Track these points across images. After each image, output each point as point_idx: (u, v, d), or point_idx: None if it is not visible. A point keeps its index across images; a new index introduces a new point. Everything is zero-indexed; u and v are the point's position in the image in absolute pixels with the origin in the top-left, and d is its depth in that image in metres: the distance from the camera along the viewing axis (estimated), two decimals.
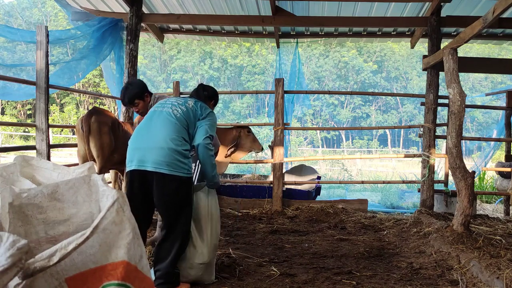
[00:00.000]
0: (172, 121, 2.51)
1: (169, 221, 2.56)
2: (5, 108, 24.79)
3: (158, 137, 2.46)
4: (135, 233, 1.31)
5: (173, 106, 2.60)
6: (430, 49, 5.58)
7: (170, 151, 2.43)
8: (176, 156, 2.43)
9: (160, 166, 2.42)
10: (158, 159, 2.42)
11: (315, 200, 5.86)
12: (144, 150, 2.48)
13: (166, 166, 2.42)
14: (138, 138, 2.56)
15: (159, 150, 2.43)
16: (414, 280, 2.98)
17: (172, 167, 2.43)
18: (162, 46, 26.74)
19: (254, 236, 4.28)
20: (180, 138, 2.48)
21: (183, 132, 2.52)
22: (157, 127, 2.51)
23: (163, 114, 2.56)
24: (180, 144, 2.47)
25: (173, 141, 2.44)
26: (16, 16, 27.77)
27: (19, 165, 1.79)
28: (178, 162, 2.44)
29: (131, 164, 2.52)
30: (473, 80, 30.31)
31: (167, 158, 2.42)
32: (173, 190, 2.47)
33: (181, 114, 2.56)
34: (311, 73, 29.75)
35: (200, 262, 2.78)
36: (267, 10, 5.97)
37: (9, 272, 0.95)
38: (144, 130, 2.57)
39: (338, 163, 13.75)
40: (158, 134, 2.48)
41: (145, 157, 2.46)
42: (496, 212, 6.41)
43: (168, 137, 2.45)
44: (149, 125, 2.56)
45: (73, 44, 7.06)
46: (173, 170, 2.43)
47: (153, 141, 2.46)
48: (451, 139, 3.94)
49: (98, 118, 4.01)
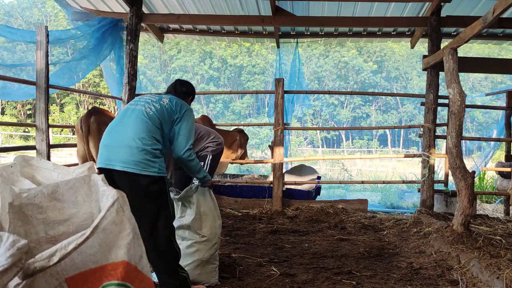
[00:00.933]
0: (144, 119, 2.41)
1: (147, 228, 2.36)
2: (5, 108, 24.79)
3: (127, 136, 2.36)
4: (135, 233, 1.31)
5: (147, 104, 2.50)
6: (430, 49, 5.58)
7: (138, 150, 2.32)
8: (145, 156, 2.32)
9: (127, 165, 2.31)
10: (125, 157, 2.31)
11: (315, 200, 5.86)
12: (112, 148, 2.38)
13: (134, 165, 2.30)
14: (108, 136, 2.46)
15: (127, 148, 2.33)
16: (414, 280, 2.98)
17: (140, 166, 2.31)
18: (162, 46, 26.74)
19: (254, 236, 4.28)
20: (150, 137, 2.37)
21: (155, 132, 2.41)
22: (128, 125, 2.41)
23: (135, 112, 2.46)
24: (150, 144, 2.36)
25: (142, 140, 2.34)
26: (16, 16, 27.77)
27: (19, 165, 1.78)
28: (147, 161, 2.32)
29: (99, 162, 2.42)
30: (473, 80, 30.31)
31: (134, 157, 2.31)
32: (143, 190, 2.33)
33: (154, 113, 2.45)
34: (311, 73, 29.75)
35: (197, 258, 2.79)
36: (267, 10, 5.97)
37: (9, 272, 0.95)
38: (115, 127, 2.48)
39: (338, 163, 13.76)
40: (127, 132, 2.38)
41: (113, 155, 2.35)
42: (496, 212, 6.41)
43: (137, 136, 2.35)
44: (120, 123, 2.48)
45: (73, 44, 7.05)
46: (142, 170, 2.31)
47: (122, 139, 2.37)
48: (451, 139, 3.94)
49: (97, 118, 4.01)
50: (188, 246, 2.81)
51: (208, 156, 3.35)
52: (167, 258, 2.42)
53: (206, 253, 2.84)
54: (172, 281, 2.42)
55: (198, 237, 2.84)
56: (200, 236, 2.84)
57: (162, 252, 2.40)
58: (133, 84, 5.68)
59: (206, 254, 2.83)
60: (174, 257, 2.45)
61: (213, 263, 2.89)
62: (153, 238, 2.37)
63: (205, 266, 2.83)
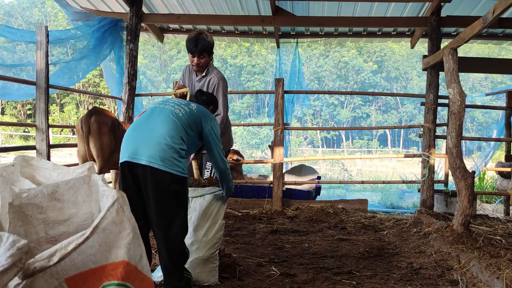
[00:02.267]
0: (173, 119, 2.44)
1: (161, 226, 2.38)
2: (5, 108, 24.79)
3: (157, 132, 2.37)
4: (135, 233, 1.31)
5: (176, 105, 2.54)
6: (430, 49, 5.58)
7: (166, 147, 2.33)
8: (172, 154, 2.34)
9: (154, 161, 2.31)
10: (153, 153, 2.32)
11: (315, 200, 5.86)
12: (139, 143, 2.38)
13: (161, 161, 2.31)
14: (135, 131, 2.47)
15: (155, 144, 2.34)
16: (414, 280, 2.98)
17: (166, 163, 2.32)
18: (162, 46, 26.74)
19: (254, 236, 4.28)
20: (178, 137, 2.40)
21: (183, 132, 2.44)
22: (157, 123, 2.43)
23: (165, 111, 2.48)
24: (178, 143, 2.38)
25: (171, 138, 2.36)
26: (16, 16, 27.77)
27: (19, 165, 1.79)
28: (173, 160, 2.34)
29: (124, 156, 2.41)
30: (473, 80, 30.31)
31: (162, 154, 2.32)
32: (165, 187, 2.33)
33: (183, 114, 2.49)
34: (311, 73, 29.76)
35: (197, 256, 2.78)
36: (267, 10, 5.97)
37: (9, 272, 0.95)
38: (142, 123, 2.49)
39: (338, 163, 13.77)
40: (157, 129, 2.39)
41: (140, 149, 2.35)
42: (496, 212, 6.41)
43: (167, 133, 2.36)
44: (148, 120, 2.49)
45: (73, 44, 7.04)
46: (167, 167, 2.32)
47: (151, 135, 2.38)
48: (451, 139, 3.94)
49: (97, 118, 4.00)
50: (189, 244, 2.81)
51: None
52: (176, 259, 2.43)
53: (206, 252, 2.82)
54: (176, 282, 2.42)
55: (200, 235, 2.83)
56: (202, 234, 2.83)
57: (172, 252, 2.41)
58: (133, 84, 5.68)
59: (206, 252, 2.82)
60: (183, 259, 2.47)
61: (213, 262, 2.87)
62: (167, 237, 2.39)
63: (205, 265, 2.82)
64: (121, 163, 2.43)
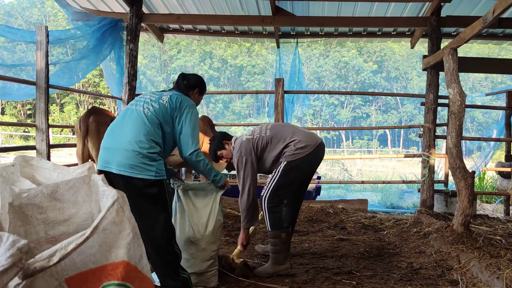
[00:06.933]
0: (142, 121, 2.37)
1: (144, 229, 2.29)
2: (5, 108, 24.80)
3: (125, 138, 2.33)
4: (135, 233, 1.31)
5: (145, 104, 2.45)
6: (430, 49, 5.58)
7: (134, 154, 2.28)
8: (141, 159, 2.28)
9: (123, 168, 2.28)
10: (121, 161, 2.28)
11: (315, 200, 5.86)
12: (110, 151, 2.35)
13: (130, 168, 2.27)
14: (108, 137, 2.44)
15: (123, 152, 2.29)
16: (414, 280, 2.98)
17: (136, 169, 2.27)
18: (162, 46, 26.76)
19: (254, 236, 4.28)
20: (148, 140, 2.33)
21: (153, 134, 2.36)
22: (127, 127, 2.37)
23: (134, 113, 2.42)
24: (147, 147, 2.31)
25: (138, 144, 2.30)
26: (16, 16, 27.78)
27: (19, 165, 1.79)
28: (143, 165, 2.29)
29: (98, 164, 2.41)
30: (473, 80, 30.32)
31: (130, 161, 2.27)
32: (139, 192, 2.29)
33: (152, 113, 2.41)
34: (311, 73, 29.77)
35: (194, 271, 2.69)
36: (267, 10, 5.97)
37: (9, 272, 0.95)
38: (115, 129, 2.45)
39: (338, 163, 13.76)
40: (125, 135, 2.34)
41: (110, 157, 2.33)
42: (496, 212, 6.41)
43: (134, 139, 2.31)
44: (119, 125, 2.44)
45: (73, 44, 7.05)
46: (137, 173, 2.27)
47: (119, 142, 2.33)
48: (451, 139, 3.94)
49: (96, 118, 3.97)
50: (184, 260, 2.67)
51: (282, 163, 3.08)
52: (168, 259, 2.40)
53: (203, 264, 2.74)
54: (172, 282, 2.39)
55: (194, 247, 2.70)
56: (198, 246, 2.71)
57: (162, 254, 2.38)
58: (133, 84, 5.68)
59: (203, 265, 2.74)
60: (175, 259, 2.42)
61: (211, 270, 2.79)
62: (153, 240, 2.35)
63: (203, 275, 2.76)
64: (97, 170, 2.41)
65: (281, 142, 3.09)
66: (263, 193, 3.11)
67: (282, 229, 3.10)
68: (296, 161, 3.03)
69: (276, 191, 3.07)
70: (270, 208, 3.07)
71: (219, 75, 29.93)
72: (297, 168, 3.06)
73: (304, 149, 3.05)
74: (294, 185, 3.19)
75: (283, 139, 3.09)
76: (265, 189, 3.11)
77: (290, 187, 3.16)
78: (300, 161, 3.04)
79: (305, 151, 3.05)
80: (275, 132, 3.14)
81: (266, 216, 3.09)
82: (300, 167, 3.08)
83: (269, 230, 3.09)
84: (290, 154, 3.04)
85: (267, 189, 3.08)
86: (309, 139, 3.10)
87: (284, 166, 3.04)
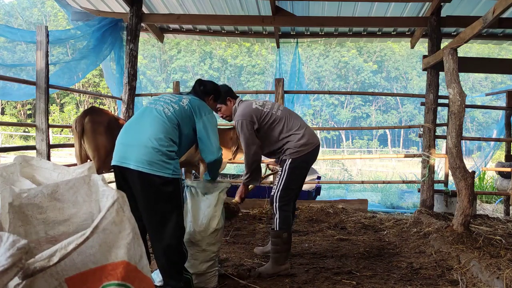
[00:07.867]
0: (162, 120, 2.39)
1: (155, 227, 2.37)
2: (5, 108, 24.80)
3: (144, 135, 2.35)
4: (135, 233, 1.31)
5: (165, 104, 2.48)
6: (430, 49, 5.58)
7: (153, 151, 2.30)
8: (160, 157, 2.30)
9: (141, 165, 2.29)
10: (140, 157, 2.30)
11: (315, 200, 5.86)
12: (128, 147, 2.36)
13: (148, 165, 2.28)
14: (125, 134, 2.45)
15: (142, 148, 2.31)
16: (414, 280, 2.98)
17: (155, 167, 2.29)
18: (162, 46, 26.76)
19: (254, 236, 4.28)
20: (167, 138, 2.36)
21: (172, 133, 2.40)
22: (146, 125, 2.40)
23: (153, 112, 2.44)
24: (166, 145, 2.34)
25: (158, 141, 2.32)
26: (16, 16, 27.78)
27: (19, 165, 1.79)
28: (161, 163, 2.31)
29: (114, 159, 2.41)
30: (473, 80, 30.32)
31: (149, 157, 2.29)
32: (155, 188, 2.31)
33: (172, 113, 2.43)
34: (311, 73, 29.77)
35: (193, 272, 2.68)
36: (267, 10, 5.97)
37: (9, 272, 0.95)
38: (132, 126, 2.47)
39: (338, 163, 13.76)
40: (144, 132, 2.36)
41: (128, 153, 2.34)
42: (496, 212, 6.41)
43: (153, 136, 2.33)
44: (138, 122, 2.46)
45: (73, 44, 7.06)
46: (156, 170, 2.29)
47: (138, 139, 2.35)
48: (451, 139, 3.94)
49: (92, 118, 3.92)
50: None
51: (287, 160, 3.11)
52: (174, 259, 2.40)
53: (204, 265, 2.73)
54: (175, 283, 2.39)
55: (194, 248, 2.70)
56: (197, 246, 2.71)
57: (170, 253, 2.38)
58: (133, 84, 5.68)
59: (203, 266, 2.73)
60: (181, 259, 2.44)
61: (211, 271, 2.79)
62: (163, 238, 2.36)
63: (203, 275, 2.75)
64: (112, 165, 2.43)
65: (286, 128, 3.14)
66: (274, 192, 3.14)
67: (287, 229, 3.12)
68: (300, 158, 3.10)
69: (286, 189, 3.12)
70: (281, 207, 3.11)
71: (219, 75, 29.92)
72: (301, 165, 3.14)
73: (307, 146, 3.12)
74: (301, 182, 3.28)
75: (289, 127, 3.14)
76: (275, 189, 3.14)
77: (298, 184, 3.25)
78: (303, 159, 3.12)
79: (307, 148, 3.12)
80: (285, 115, 3.19)
81: (277, 215, 3.11)
82: (303, 165, 3.17)
83: (276, 229, 3.10)
84: (294, 151, 3.09)
85: (277, 188, 3.12)
86: (312, 137, 3.19)
87: (290, 163, 3.09)
